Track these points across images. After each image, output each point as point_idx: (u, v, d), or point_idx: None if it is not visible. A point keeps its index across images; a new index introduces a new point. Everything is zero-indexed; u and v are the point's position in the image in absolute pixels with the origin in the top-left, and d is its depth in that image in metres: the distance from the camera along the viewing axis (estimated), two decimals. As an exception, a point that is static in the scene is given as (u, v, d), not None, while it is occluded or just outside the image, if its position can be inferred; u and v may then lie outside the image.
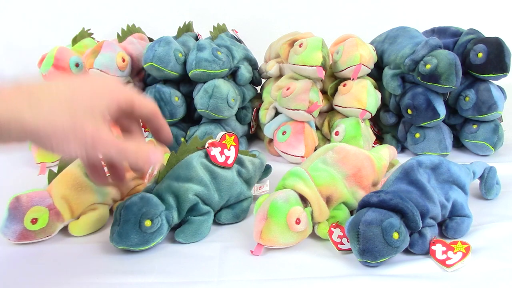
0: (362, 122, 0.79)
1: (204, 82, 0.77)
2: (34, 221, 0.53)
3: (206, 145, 0.58)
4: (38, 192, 0.54)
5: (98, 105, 0.43)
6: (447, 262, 0.49)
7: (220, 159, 0.58)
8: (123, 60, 0.77)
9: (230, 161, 0.59)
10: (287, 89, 0.77)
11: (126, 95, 0.46)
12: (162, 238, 0.53)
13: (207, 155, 0.58)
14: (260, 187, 0.66)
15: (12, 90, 0.39)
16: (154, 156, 0.45)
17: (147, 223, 0.51)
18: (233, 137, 0.60)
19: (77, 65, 0.78)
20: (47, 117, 0.39)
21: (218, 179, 0.58)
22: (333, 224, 0.55)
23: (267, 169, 0.69)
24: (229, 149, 0.59)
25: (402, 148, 0.85)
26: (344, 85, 0.80)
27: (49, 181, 0.57)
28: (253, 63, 0.90)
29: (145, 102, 0.48)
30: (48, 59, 0.77)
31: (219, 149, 0.58)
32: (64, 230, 0.57)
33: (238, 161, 0.61)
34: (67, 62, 0.77)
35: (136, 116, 0.48)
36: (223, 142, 0.59)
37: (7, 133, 0.38)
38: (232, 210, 0.60)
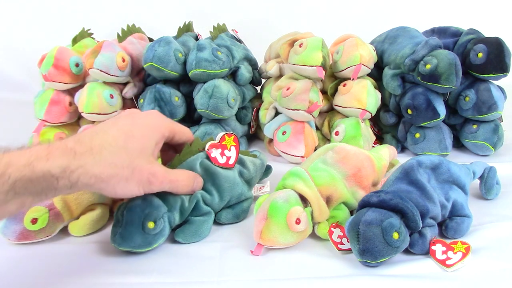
0: (362, 122, 0.79)
1: (204, 82, 0.77)
2: (34, 221, 0.53)
3: (207, 147, 0.58)
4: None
5: (149, 145, 0.50)
6: (447, 262, 0.49)
7: (221, 160, 0.58)
8: (123, 60, 0.77)
9: (231, 162, 0.58)
10: (287, 89, 0.77)
11: (169, 128, 0.54)
12: (164, 239, 0.53)
13: (208, 157, 0.58)
14: (260, 188, 0.66)
15: (76, 146, 0.44)
16: (198, 180, 0.56)
17: (150, 224, 0.50)
18: (232, 137, 0.59)
19: (77, 65, 0.78)
20: (109, 164, 0.45)
21: (219, 180, 0.57)
22: (333, 224, 0.55)
23: (267, 170, 0.69)
24: (229, 150, 0.59)
25: (402, 148, 0.85)
26: (344, 85, 0.80)
27: None
28: (253, 63, 0.90)
29: (183, 131, 0.57)
30: (48, 59, 0.76)
31: (219, 150, 0.58)
32: (64, 230, 0.57)
33: (240, 161, 0.60)
34: (67, 62, 0.77)
35: (175, 141, 0.56)
36: (223, 143, 0.59)
37: (76, 184, 0.43)
38: (232, 210, 0.60)
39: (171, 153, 0.59)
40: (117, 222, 0.51)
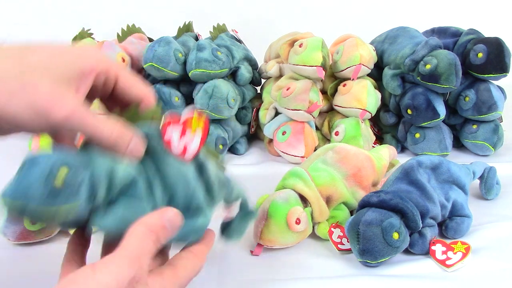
0: (362, 122, 0.79)
1: (204, 82, 0.77)
2: (33, 222, 0.53)
3: (163, 121, 0.39)
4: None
5: (67, 67, 0.34)
6: (447, 262, 0.49)
7: (177, 146, 0.39)
8: (123, 60, 0.77)
9: (189, 153, 0.39)
10: (287, 89, 0.77)
11: (108, 65, 0.36)
12: (77, 204, 0.32)
13: (160, 134, 0.39)
14: (225, 212, 0.48)
15: None
16: (136, 141, 0.36)
17: (63, 171, 0.32)
18: (203, 118, 0.41)
19: None
20: None
21: (168, 168, 0.38)
22: (333, 224, 0.55)
23: (249, 213, 0.48)
24: (193, 133, 0.40)
25: (402, 148, 0.85)
26: (344, 85, 0.80)
27: None
28: (253, 63, 0.90)
29: (135, 82, 0.38)
30: None
31: (178, 130, 0.39)
32: (64, 230, 0.57)
33: (200, 159, 0.42)
34: None
35: (118, 94, 0.38)
36: (189, 120, 0.40)
37: None
38: (180, 228, 0.38)
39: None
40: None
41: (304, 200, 0.55)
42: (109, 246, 0.34)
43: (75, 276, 0.29)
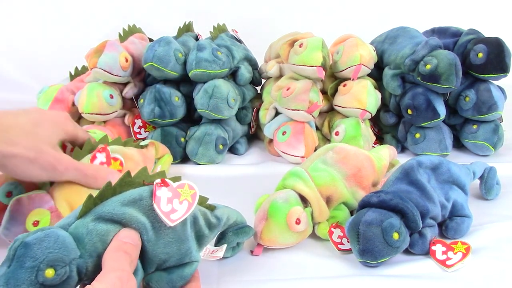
0: (362, 122, 0.79)
1: (204, 82, 0.77)
2: (36, 223, 0.52)
3: (156, 181, 0.41)
4: (39, 194, 0.54)
5: (55, 136, 0.52)
6: (447, 262, 0.49)
7: (164, 207, 0.40)
8: (126, 60, 0.77)
9: (174, 217, 0.40)
10: (287, 89, 0.77)
11: (73, 130, 0.56)
12: None
13: (149, 195, 0.40)
14: (212, 251, 0.49)
15: None
16: (112, 176, 0.51)
17: (49, 272, 0.35)
18: (193, 191, 0.43)
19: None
20: (13, 142, 0.47)
21: (160, 228, 0.40)
22: (333, 224, 0.55)
23: (247, 230, 0.52)
24: (180, 203, 0.42)
25: (402, 148, 0.85)
26: (344, 85, 0.80)
27: (51, 183, 0.57)
28: (253, 63, 0.90)
29: (84, 136, 0.58)
30: (47, 96, 0.78)
31: (169, 194, 0.41)
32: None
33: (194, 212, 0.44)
34: (66, 103, 0.79)
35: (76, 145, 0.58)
36: (179, 190, 0.42)
37: None
38: (168, 275, 0.42)
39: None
40: (6, 260, 0.36)
41: (304, 200, 0.55)
42: None
43: None
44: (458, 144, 0.85)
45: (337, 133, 0.79)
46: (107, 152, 0.57)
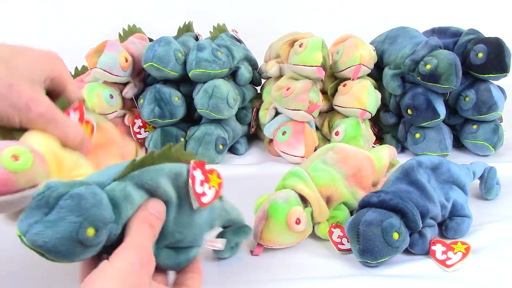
0: (362, 122, 0.79)
1: (204, 82, 0.77)
2: (15, 157, 0.37)
3: (192, 162, 0.42)
4: (7, 141, 0.39)
5: (38, 73, 0.42)
6: (447, 262, 0.49)
7: (198, 188, 0.41)
8: (126, 60, 0.77)
9: (204, 200, 0.41)
10: (287, 89, 0.77)
11: (62, 73, 0.45)
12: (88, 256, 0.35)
13: (186, 173, 0.41)
14: (211, 240, 0.48)
15: None
16: (86, 138, 0.43)
17: (90, 231, 0.33)
18: (220, 181, 0.44)
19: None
20: None
21: (184, 208, 0.41)
22: (333, 224, 0.55)
23: (247, 230, 0.52)
24: (209, 188, 0.43)
25: (402, 148, 0.85)
26: (344, 85, 0.80)
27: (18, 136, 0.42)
28: (253, 63, 0.90)
29: (76, 91, 0.46)
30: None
31: (202, 177, 0.42)
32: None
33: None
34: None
35: (63, 95, 0.45)
36: (209, 175, 0.44)
37: None
38: (176, 254, 0.41)
39: None
40: (43, 204, 0.33)
41: (304, 200, 0.55)
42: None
43: (97, 272, 0.33)
44: (458, 144, 0.85)
45: (337, 133, 0.79)
46: (81, 111, 0.46)
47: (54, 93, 0.44)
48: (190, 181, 0.40)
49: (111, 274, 0.33)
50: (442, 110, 0.77)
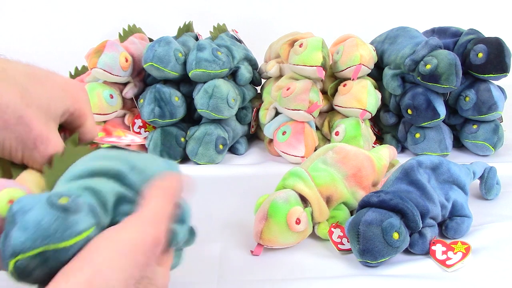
0: (362, 122, 0.79)
1: (204, 82, 0.77)
2: (12, 203, 0.34)
3: (96, 140, 0.40)
4: (5, 180, 0.36)
5: (55, 106, 0.36)
6: (447, 262, 0.49)
7: (125, 139, 0.41)
8: (126, 60, 0.77)
9: (137, 140, 0.41)
10: (287, 89, 0.77)
11: (84, 107, 0.39)
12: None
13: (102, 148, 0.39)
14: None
15: None
16: None
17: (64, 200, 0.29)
18: (118, 129, 0.43)
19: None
20: None
21: (132, 159, 0.36)
22: (333, 224, 0.55)
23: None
24: (125, 136, 0.42)
25: (402, 148, 0.85)
26: (344, 85, 0.80)
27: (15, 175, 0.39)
28: (253, 63, 0.90)
29: (94, 128, 0.41)
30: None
31: (113, 139, 0.41)
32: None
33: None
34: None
35: (77, 131, 0.40)
36: (114, 133, 0.42)
37: None
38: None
39: None
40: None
41: (304, 200, 0.55)
42: None
43: (99, 239, 0.28)
44: (458, 144, 0.85)
45: (337, 133, 0.79)
46: None
47: (69, 127, 0.40)
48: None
49: (117, 244, 0.27)
50: (442, 110, 0.77)
